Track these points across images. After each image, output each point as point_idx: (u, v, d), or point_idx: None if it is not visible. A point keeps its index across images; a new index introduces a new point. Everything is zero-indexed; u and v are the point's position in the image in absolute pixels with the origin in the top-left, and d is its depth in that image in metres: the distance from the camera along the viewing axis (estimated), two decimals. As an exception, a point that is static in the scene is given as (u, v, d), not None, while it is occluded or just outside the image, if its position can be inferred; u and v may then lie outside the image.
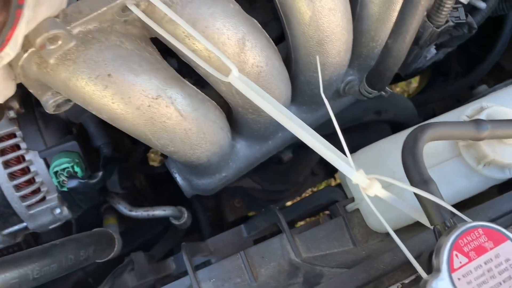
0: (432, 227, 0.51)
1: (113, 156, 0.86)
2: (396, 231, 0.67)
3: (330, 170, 1.62)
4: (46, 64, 0.56)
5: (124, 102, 0.58)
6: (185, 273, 0.78)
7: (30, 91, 0.61)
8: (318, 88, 0.77)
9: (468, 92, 1.47)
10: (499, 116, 0.62)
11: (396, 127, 1.41)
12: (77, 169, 0.78)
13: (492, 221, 0.61)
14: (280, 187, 1.36)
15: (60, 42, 0.54)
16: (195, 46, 0.60)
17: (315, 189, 1.76)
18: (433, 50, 0.89)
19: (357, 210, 0.71)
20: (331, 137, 1.20)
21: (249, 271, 0.70)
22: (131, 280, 0.82)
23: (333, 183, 1.77)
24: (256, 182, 1.36)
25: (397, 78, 1.63)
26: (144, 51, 0.61)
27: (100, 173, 0.79)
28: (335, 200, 0.86)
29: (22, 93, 0.80)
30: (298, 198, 1.73)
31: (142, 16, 0.57)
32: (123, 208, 1.06)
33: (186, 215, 1.12)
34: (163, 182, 1.32)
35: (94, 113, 0.61)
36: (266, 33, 0.67)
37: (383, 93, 0.80)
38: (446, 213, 0.50)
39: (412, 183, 0.52)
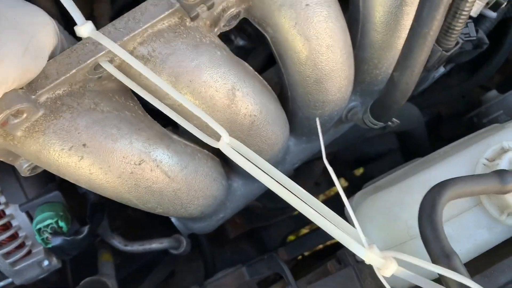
0: (456, 306, 0.46)
1: (100, 202, 0.80)
2: None
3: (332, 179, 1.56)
4: (12, 137, 0.50)
5: (103, 172, 0.52)
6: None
7: (0, 159, 0.55)
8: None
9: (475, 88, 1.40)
10: (523, 160, 0.56)
11: (401, 134, 1.35)
12: (61, 223, 0.72)
13: (518, 277, 0.56)
14: (281, 204, 1.30)
15: (25, 115, 0.47)
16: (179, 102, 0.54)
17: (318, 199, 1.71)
18: (441, 69, 0.82)
19: (368, 259, 0.65)
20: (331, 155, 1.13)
21: (254, 332, 0.64)
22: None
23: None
24: (257, 200, 1.31)
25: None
26: (123, 109, 0.54)
27: (87, 228, 0.73)
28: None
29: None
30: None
31: (117, 75, 0.50)
32: (117, 243, 1.00)
33: (184, 244, 1.06)
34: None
35: (72, 182, 0.54)
36: (260, 77, 0.61)
37: (389, 123, 0.74)
38: (472, 291, 0.44)
39: (433, 257, 0.46)
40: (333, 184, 1.59)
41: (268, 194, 1.29)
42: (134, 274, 1.27)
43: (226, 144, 0.48)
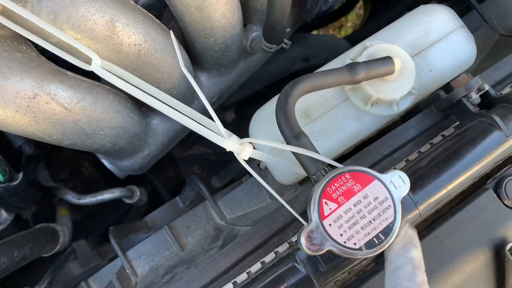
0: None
1: (35, 153, 0.86)
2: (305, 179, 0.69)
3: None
4: None
5: (1, 108, 0.58)
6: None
7: None
8: (217, 52, 0.77)
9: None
10: (380, 54, 0.63)
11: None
12: (-4, 174, 0.79)
13: (385, 157, 0.63)
14: (230, 147, 1.38)
15: None
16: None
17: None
18: (334, -8, 0.87)
19: (269, 166, 0.72)
20: (269, 87, 1.19)
21: (176, 242, 0.72)
22: (75, 268, 0.84)
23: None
24: (207, 147, 1.38)
25: (331, 19, 1.61)
26: (14, 51, 0.60)
27: (20, 174, 0.80)
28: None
29: None
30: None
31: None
32: (71, 197, 1.08)
33: (138, 193, 1.14)
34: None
35: (-22, 122, 0.61)
36: (142, 9, 0.66)
37: (283, 45, 0.80)
38: (320, 163, 0.52)
39: (286, 139, 0.53)
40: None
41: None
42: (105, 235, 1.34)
43: (98, 66, 0.54)
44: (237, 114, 1.31)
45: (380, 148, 0.63)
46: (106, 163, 0.88)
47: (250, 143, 0.53)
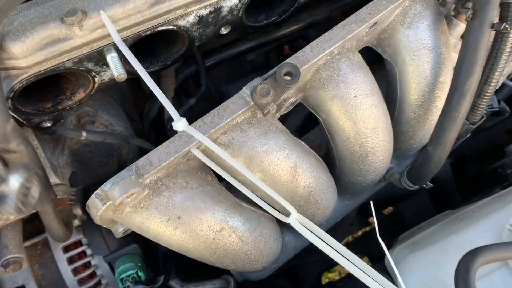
0: None
1: (169, 252, 0.92)
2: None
3: (365, 219, 1.66)
4: (121, 212, 0.62)
5: (192, 239, 0.63)
6: None
7: (104, 226, 0.67)
8: (361, 185, 0.82)
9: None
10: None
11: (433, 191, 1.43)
12: (140, 274, 0.84)
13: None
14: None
15: (135, 195, 0.59)
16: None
17: (350, 238, 1.79)
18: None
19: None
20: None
21: None
22: None
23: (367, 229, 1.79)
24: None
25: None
26: (205, 184, 0.66)
27: (162, 277, 0.85)
28: None
29: (83, 200, 0.87)
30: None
31: (204, 160, 0.62)
32: (175, 284, 1.12)
33: (232, 284, 1.17)
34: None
35: (164, 245, 0.66)
36: (314, 152, 0.72)
37: (424, 186, 0.84)
38: None
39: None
40: (365, 225, 1.70)
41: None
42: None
43: (295, 220, 0.59)
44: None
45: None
46: (235, 272, 0.92)
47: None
